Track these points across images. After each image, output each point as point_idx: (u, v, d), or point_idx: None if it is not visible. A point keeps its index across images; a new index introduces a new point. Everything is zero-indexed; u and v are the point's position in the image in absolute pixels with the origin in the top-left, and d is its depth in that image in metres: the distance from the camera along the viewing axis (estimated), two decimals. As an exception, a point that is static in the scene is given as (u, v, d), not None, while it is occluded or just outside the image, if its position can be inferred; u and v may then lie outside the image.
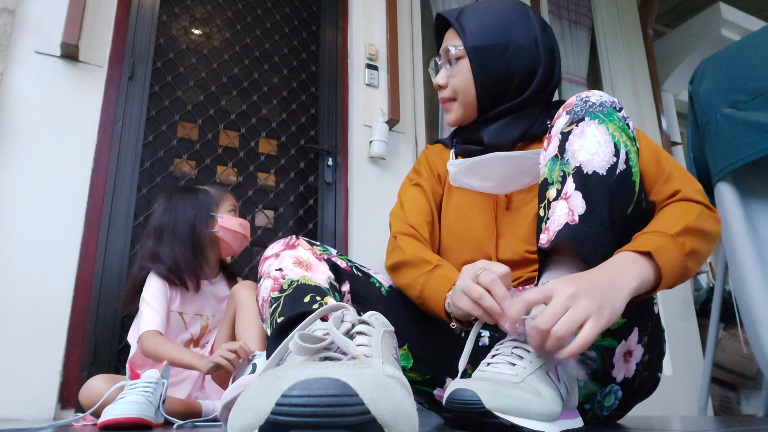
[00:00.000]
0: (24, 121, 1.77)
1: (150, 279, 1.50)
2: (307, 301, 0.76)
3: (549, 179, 0.77)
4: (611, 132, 0.75)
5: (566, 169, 0.74)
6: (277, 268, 0.84)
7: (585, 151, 0.74)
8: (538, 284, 0.74)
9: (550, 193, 0.76)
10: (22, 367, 1.59)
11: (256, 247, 2.17)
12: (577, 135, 0.75)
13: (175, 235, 1.52)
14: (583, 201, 0.71)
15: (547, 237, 0.72)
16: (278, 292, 0.80)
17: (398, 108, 2.41)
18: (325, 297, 0.77)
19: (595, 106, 0.77)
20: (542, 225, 0.76)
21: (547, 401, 0.62)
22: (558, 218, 0.72)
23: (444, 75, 1.00)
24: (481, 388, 0.61)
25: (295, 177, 2.30)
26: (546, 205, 0.76)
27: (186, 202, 1.56)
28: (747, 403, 2.78)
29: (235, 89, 2.28)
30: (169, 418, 1.09)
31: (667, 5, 4.11)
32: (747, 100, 1.67)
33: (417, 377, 0.91)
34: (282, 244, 0.90)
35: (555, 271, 0.73)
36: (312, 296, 0.77)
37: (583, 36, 3.31)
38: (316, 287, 0.79)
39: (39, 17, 1.87)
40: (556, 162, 0.76)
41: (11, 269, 1.65)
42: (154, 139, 2.06)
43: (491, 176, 0.96)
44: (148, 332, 1.39)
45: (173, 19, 2.24)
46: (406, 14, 2.66)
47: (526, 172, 0.94)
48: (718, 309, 1.92)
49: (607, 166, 0.73)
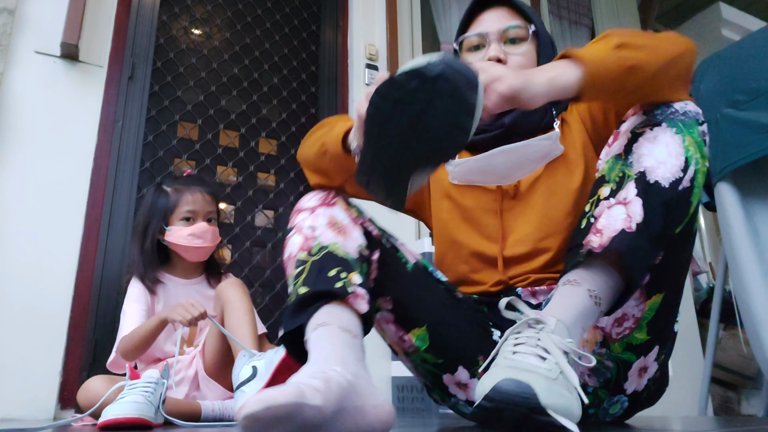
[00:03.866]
0: (24, 121, 1.77)
1: (129, 286, 1.51)
2: (332, 276, 0.74)
3: (606, 177, 0.74)
4: (686, 145, 0.72)
5: (627, 171, 0.72)
6: (310, 226, 0.82)
7: (652, 158, 0.71)
8: (563, 278, 0.72)
9: (603, 191, 0.73)
10: (22, 367, 1.59)
11: (256, 247, 2.17)
12: (648, 139, 0.73)
13: (134, 235, 1.55)
14: (642, 210, 0.69)
15: (599, 241, 0.69)
16: (306, 254, 0.78)
17: (398, 108, 2.40)
18: (350, 272, 0.75)
19: (677, 113, 0.74)
20: (585, 220, 0.74)
21: (578, 403, 0.61)
22: (614, 223, 0.69)
23: (501, 51, 0.96)
24: (536, 383, 0.58)
25: (295, 177, 2.30)
26: (595, 202, 0.73)
27: (145, 204, 1.55)
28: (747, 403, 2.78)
29: (235, 89, 2.28)
30: (170, 418, 1.09)
31: (667, 5, 4.11)
32: (747, 100, 1.67)
33: (430, 358, 0.90)
34: (319, 199, 0.87)
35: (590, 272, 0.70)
36: (338, 270, 0.74)
37: (583, 36, 3.31)
38: (343, 259, 0.77)
39: (39, 17, 1.87)
40: (618, 161, 0.74)
41: (11, 269, 1.65)
42: (154, 139, 2.06)
43: (496, 169, 0.94)
44: (121, 339, 1.40)
45: (173, 19, 2.24)
46: (406, 14, 2.66)
47: (530, 159, 0.93)
48: (718, 309, 1.91)
49: (672, 179, 0.70)
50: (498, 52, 0.95)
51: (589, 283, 0.70)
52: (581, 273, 0.71)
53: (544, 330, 0.64)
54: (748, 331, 1.58)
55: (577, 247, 0.72)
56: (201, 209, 1.54)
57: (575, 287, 0.70)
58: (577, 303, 0.68)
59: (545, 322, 0.65)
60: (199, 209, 1.53)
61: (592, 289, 0.69)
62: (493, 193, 0.98)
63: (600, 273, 0.70)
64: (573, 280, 0.70)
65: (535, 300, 0.91)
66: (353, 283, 0.74)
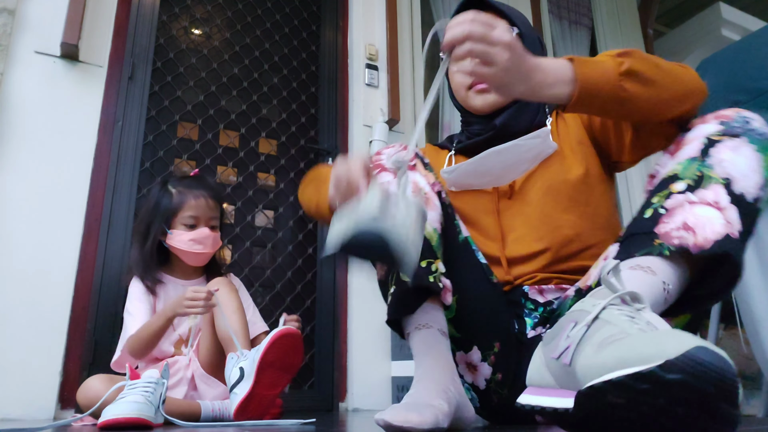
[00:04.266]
0: (24, 121, 1.77)
1: (131, 285, 1.52)
2: (424, 267, 0.79)
3: (680, 175, 0.72)
4: (765, 165, 0.71)
5: (707, 171, 0.70)
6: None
7: (735, 168, 0.70)
8: (630, 262, 0.68)
9: (677, 185, 0.71)
10: (22, 367, 1.59)
11: (256, 247, 2.17)
12: (729, 147, 0.72)
13: (135, 235, 1.55)
14: (740, 219, 0.67)
15: (693, 240, 0.66)
16: None
17: (398, 108, 2.41)
18: (436, 260, 0.80)
19: (756, 132, 0.73)
20: (649, 210, 0.72)
21: None
22: (711, 225, 0.66)
23: None
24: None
25: (295, 177, 2.30)
26: (666, 195, 0.71)
27: (149, 203, 1.55)
28: (747, 403, 2.78)
29: (235, 89, 2.28)
30: (169, 418, 1.09)
31: (667, 5, 4.11)
32: (747, 100, 1.67)
33: (450, 330, 0.90)
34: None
35: (666, 263, 0.66)
36: (428, 262, 0.79)
37: (583, 36, 3.31)
38: (429, 245, 0.81)
39: (39, 17, 1.87)
40: (693, 162, 0.72)
41: (11, 269, 1.65)
42: (154, 139, 2.06)
43: (490, 171, 0.96)
44: (128, 338, 1.41)
45: (173, 19, 2.24)
46: (406, 14, 2.66)
47: (522, 159, 0.94)
48: (718, 309, 1.91)
49: (755, 195, 0.70)
50: None
51: (665, 275, 0.66)
52: (655, 261, 0.67)
53: (646, 311, 0.55)
54: (748, 331, 1.58)
55: (647, 235, 0.69)
56: (204, 215, 1.53)
57: (650, 276, 0.66)
58: (651, 294, 0.64)
59: (644, 303, 0.56)
60: (201, 215, 1.52)
61: (667, 282, 0.66)
62: (490, 195, 0.99)
63: (676, 267, 0.67)
64: (647, 267, 0.66)
65: (542, 298, 0.91)
66: (441, 273, 0.80)
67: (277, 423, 1.13)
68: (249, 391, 1.16)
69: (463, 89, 1.02)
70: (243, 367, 1.19)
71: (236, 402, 1.16)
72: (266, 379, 1.18)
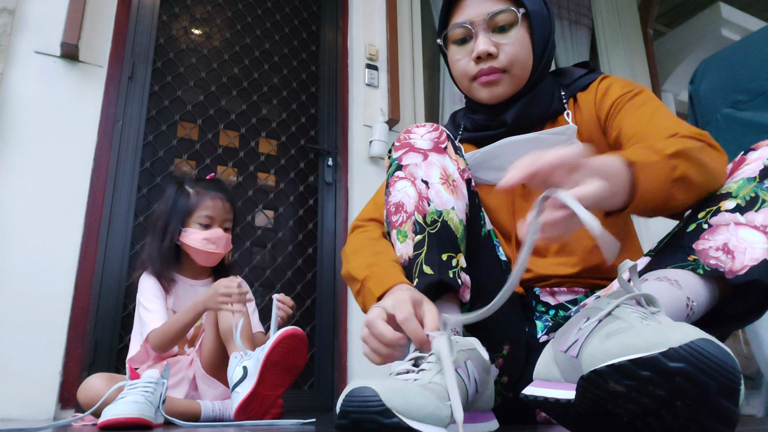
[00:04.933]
0: (24, 121, 1.77)
1: (142, 281, 1.51)
2: (445, 260, 0.75)
3: (733, 193, 0.69)
4: None
5: (763, 194, 0.67)
6: (423, 179, 0.79)
7: None
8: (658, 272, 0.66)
9: (727, 204, 0.68)
10: (22, 367, 1.59)
11: (256, 247, 2.17)
12: None
13: (154, 231, 1.55)
14: None
15: (730, 265, 0.64)
16: (422, 218, 0.78)
17: (398, 108, 2.41)
18: (458, 253, 0.77)
19: None
20: (693, 224, 0.69)
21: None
22: (751, 249, 0.64)
23: (490, 42, 0.88)
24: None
25: (295, 177, 2.30)
26: (714, 211, 0.69)
27: (166, 200, 1.56)
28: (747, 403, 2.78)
29: (235, 89, 2.28)
30: (170, 418, 1.09)
31: (667, 5, 4.11)
32: (747, 100, 1.67)
33: (463, 329, 0.87)
34: (431, 141, 0.82)
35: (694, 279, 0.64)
36: (449, 256, 0.76)
37: (583, 36, 3.31)
38: (453, 238, 0.77)
39: (39, 17, 1.87)
40: (751, 182, 0.69)
41: (11, 269, 1.65)
42: (154, 139, 2.06)
43: (504, 165, 0.87)
44: (151, 332, 1.41)
45: (173, 19, 2.24)
46: (406, 14, 2.66)
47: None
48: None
49: None
50: (487, 45, 0.87)
51: (691, 291, 0.64)
52: (683, 275, 0.65)
53: (660, 315, 0.54)
54: (748, 331, 1.58)
55: (683, 249, 0.67)
56: (218, 216, 1.55)
57: (675, 288, 0.63)
58: (671, 307, 0.62)
59: (659, 308, 0.55)
60: (216, 216, 1.55)
61: (692, 298, 0.63)
62: (505, 193, 0.93)
63: (706, 286, 0.65)
64: (674, 280, 0.64)
65: (554, 300, 0.89)
66: (461, 269, 0.77)
67: (277, 423, 1.13)
68: (251, 391, 1.15)
69: (467, 80, 0.92)
70: (246, 366, 1.19)
71: (238, 401, 1.16)
72: (269, 379, 1.18)
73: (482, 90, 0.91)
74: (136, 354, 1.44)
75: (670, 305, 0.61)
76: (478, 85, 0.91)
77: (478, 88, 0.91)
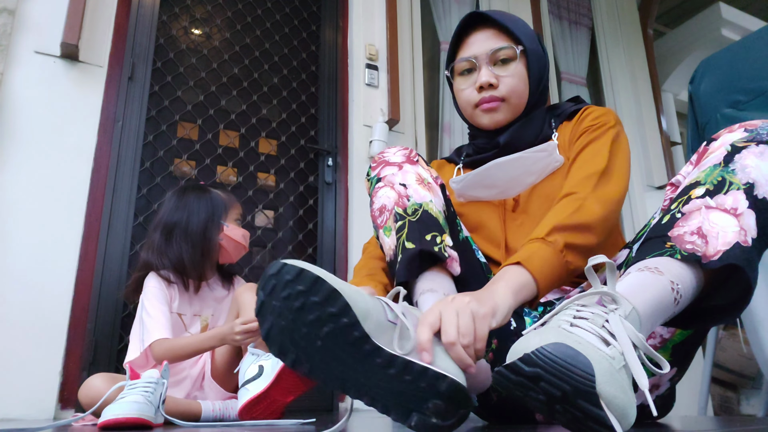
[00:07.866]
0: (24, 121, 1.77)
1: (148, 282, 1.49)
2: (429, 239, 0.80)
3: (702, 181, 0.71)
4: None
5: (729, 177, 0.69)
6: (401, 183, 0.87)
7: (760, 173, 0.68)
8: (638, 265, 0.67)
9: (697, 191, 0.70)
10: (22, 367, 1.59)
11: (255, 248, 2.17)
12: (755, 153, 0.70)
13: (187, 234, 1.52)
14: (756, 225, 0.66)
15: (704, 249, 0.64)
16: (403, 211, 0.84)
17: (398, 108, 2.41)
18: (443, 234, 0.82)
19: None
20: (667, 216, 0.71)
21: (634, 410, 0.51)
22: (724, 233, 0.65)
23: (492, 75, 0.99)
24: (598, 362, 0.47)
25: (295, 177, 2.30)
26: (684, 201, 0.70)
27: (201, 203, 1.56)
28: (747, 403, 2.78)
29: (235, 89, 2.28)
30: (170, 418, 1.09)
31: (667, 5, 4.11)
32: (747, 100, 1.67)
33: None
34: (403, 156, 0.92)
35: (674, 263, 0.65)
36: (433, 235, 0.81)
37: (583, 36, 3.31)
38: (435, 220, 0.84)
39: (39, 17, 1.87)
40: (716, 168, 0.71)
41: (11, 269, 1.65)
42: (154, 139, 2.06)
43: (496, 183, 0.98)
44: (157, 341, 1.38)
45: (173, 19, 2.24)
46: (406, 14, 2.66)
47: (528, 171, 0.96)
48: (718, 309, 1.91)
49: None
50: (489, 76, 0.98)
51: (673, 275, 0.63)
52: (663, 262, 0.65)
53: (617, 312, 0.55)
54: (748, 331, 1.58)
55: (660, 238, 0.69)
56: (242, 216, 1.69)
57: (656, 276, 0.63)
58: (657, 294, 0.61)
59: (620, 303, 0.56)
60: (243, 215, 1.69)
61: (676, 282, 0.63)
62: (496, 207, 1.02)
63: (688, 269, 0.65)
64: (654, 268, 0.64)
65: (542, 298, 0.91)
66: (448, 246, 0.82)
67: (277, 423, 1.13)
68: (263, 391, 1.14)
69: (470, 107, 1.03)
70: (263, 366, 1.18)
71: (245, 398, 1.15)
72: (285, 384, 1.16)
73: (484, 116, 1.02)
74: (136, 359, 1.43)
75: (654, 292, 0.62)
76: (480, 111, 1.02)
77: (480, 114, 1.02)
